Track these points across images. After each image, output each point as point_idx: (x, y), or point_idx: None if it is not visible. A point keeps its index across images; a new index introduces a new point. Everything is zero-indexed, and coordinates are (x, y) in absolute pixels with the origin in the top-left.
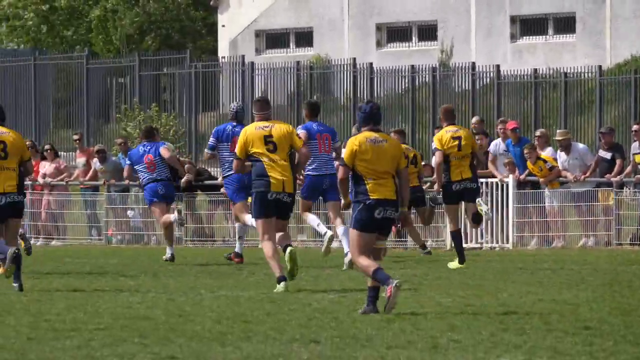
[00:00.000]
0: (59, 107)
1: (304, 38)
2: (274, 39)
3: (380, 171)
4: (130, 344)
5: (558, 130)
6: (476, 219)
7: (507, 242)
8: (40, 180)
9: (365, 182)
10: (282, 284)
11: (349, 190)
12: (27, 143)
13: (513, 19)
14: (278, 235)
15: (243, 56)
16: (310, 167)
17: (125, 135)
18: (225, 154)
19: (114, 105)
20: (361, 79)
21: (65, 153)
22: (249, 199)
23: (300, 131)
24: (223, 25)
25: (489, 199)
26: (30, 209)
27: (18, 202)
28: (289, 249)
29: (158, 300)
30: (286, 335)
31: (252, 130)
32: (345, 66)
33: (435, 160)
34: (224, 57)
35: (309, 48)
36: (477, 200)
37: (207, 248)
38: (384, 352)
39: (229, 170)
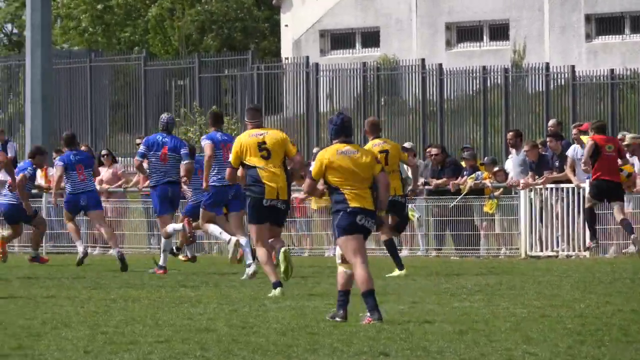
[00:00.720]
0: (115, 111)
1: (371, 38)
2: (339, 39)
3: (355, 182)
4: (191, 357)
5: (627, 135)
6: (398, 228)
7: (585, 250)
8: (97, 186)
9: (343, 191)
10: (278, 289)
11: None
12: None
13: (588, 18)
14: (271, 240)
15: (307, 57)
16: (216, 178)
17: (186, 139)
18: (154, 161)
19: (173, 109)
20: (430, 80)
21: (122, 158)
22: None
23: (205, 142)
24: (286, 25)
25: (564, 204)
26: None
27: None
28: (282, 248)
29: (220, 311)
30: (354, 348)
31: (246, 139)
32: (413, 67)
33: None
34: (287, 58)
35: (375, 48)
36: (409, 206)
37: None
38: None
39: (156, 181)
